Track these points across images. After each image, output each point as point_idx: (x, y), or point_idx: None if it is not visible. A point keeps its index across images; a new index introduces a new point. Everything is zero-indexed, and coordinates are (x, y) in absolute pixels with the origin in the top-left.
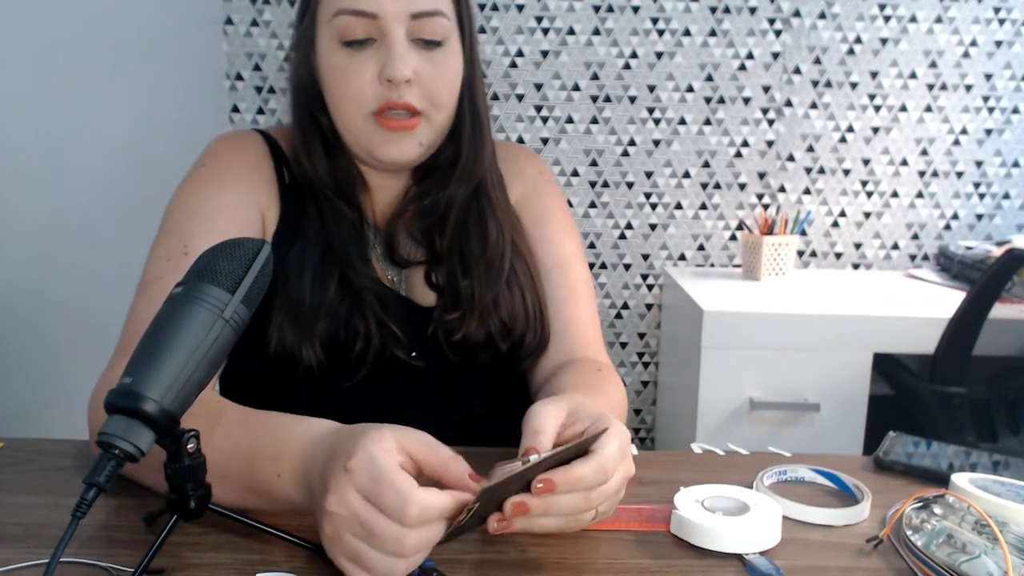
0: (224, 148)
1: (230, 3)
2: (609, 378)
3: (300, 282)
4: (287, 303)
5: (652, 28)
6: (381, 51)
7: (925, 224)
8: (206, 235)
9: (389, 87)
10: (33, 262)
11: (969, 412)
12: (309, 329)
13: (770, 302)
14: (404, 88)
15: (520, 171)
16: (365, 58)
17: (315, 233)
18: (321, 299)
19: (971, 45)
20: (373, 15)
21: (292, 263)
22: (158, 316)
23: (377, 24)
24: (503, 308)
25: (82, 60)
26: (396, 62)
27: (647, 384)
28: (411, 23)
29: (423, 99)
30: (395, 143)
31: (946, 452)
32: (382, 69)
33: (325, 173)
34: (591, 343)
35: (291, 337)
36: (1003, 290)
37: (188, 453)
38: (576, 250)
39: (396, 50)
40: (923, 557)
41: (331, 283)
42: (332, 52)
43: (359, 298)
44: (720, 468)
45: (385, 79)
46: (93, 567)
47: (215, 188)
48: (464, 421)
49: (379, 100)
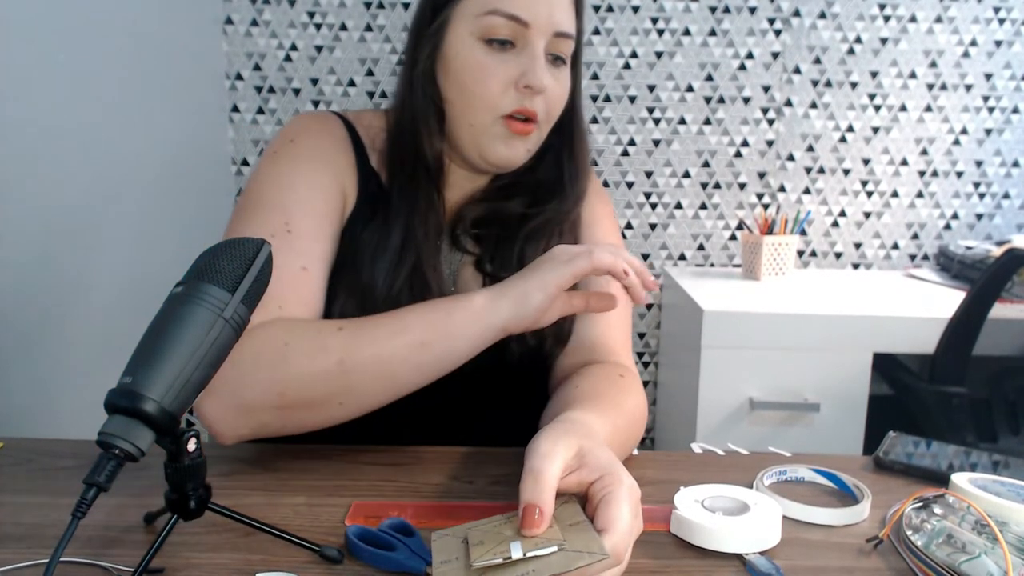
0: (312, 127)
1: (230, 3)
2: (630, 386)
3: (374, 267)
4: (358, 285)
5: (652, 28)
6: (521, 58)
7: (925, 224)
8: (306, 214)
9: (525, 94)
10: (33, 262)
11: (969, 412)
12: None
13: (770, 302)
14: (536, 98)
15: None
16: (506, 60)
17: (401, 220)
18: (391, 290)
19: (971, 45)
20: (526, 24)
21: (367, 244)
22: (158, 316)
23: (525, 32)
24: None
25: (82, 60)
26: (541, 72)
27: (647, 384)
28: (552, 39)
29: (543, 112)
30: (511, 146)
31: (946, 452)
32: (523, 75)
33: (432, 159)
34: (615, 346)
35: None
36: (1003, 290)
37: (188, 453)
38: None
39: (540, 61)
40: (923, 557)
41: (403, 273)
42: (472, 48)
43: (427, 292)
44: (720, 468)
45: (524, 85)
46: (93, 567)
47: (310, 167)
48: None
49: (513, 104)
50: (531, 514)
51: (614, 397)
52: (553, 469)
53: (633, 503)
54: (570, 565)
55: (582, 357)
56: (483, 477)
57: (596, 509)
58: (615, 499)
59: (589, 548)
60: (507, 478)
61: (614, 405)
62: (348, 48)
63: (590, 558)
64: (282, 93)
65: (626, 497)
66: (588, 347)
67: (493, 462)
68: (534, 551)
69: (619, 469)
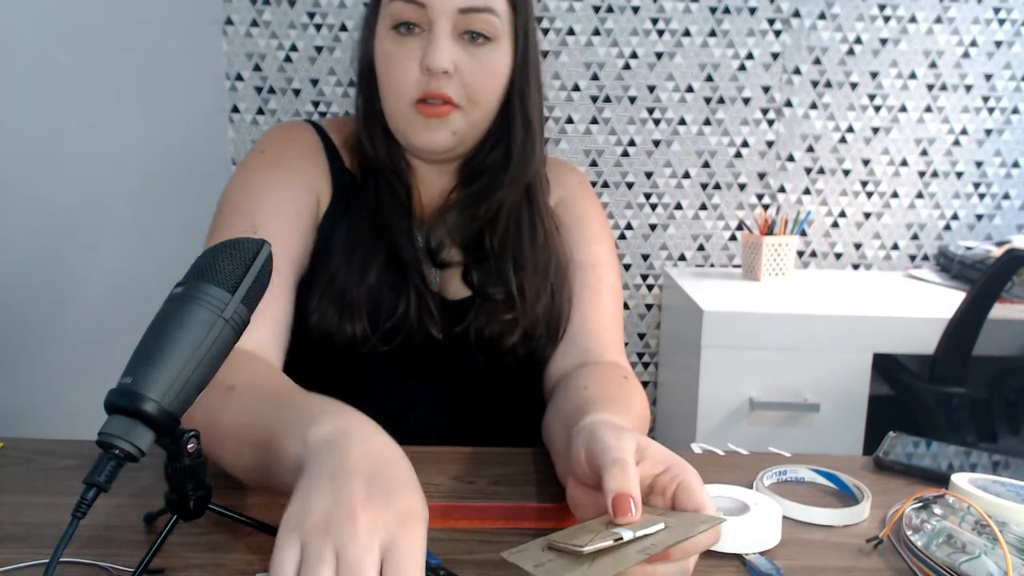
0: (281, 136)
1: (230, 3)
2: (635, 388)
3: (349, 262)
4: (332, 279)
5: (652, 28)
6: (425, 40)
7: (925, 224)
8: (272, 217)
9: (429, 76)
10: (33, 262)
11: (969, 412)
12: (353, 305)
13: (770, 302)
14: (443, 79)
15: (561, 180)
16: (412, 46)
17: (369, 211)
18: (368, 277)
19: (971, 45)
20: (422, 4)
21: (340, 239)
22: (158, 316)
23: (425, 13)
24: (542, 308)
25: (82, 60)
26: (435, 53)
27: (647, 384)
28: (459, 16)
29: (461, 93)
30: (429, 130)
31: (946, 452)
32: (423, 57)
33: (384, 155)
34: (609, 345)
35: (332, 311)
36: (1003, 290)
37: (188, 453)
38: (607, 256)
39: (437, 43)
40: (923, 557)
41: (379, 259)
42: (383, 38)
43: (404, 273)
44: (720, 468)
45: (425, 67)
46: (93, 567)
47: (277, 173)
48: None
49: (420, 88)
50: (625, 503)
51: (625, 400)
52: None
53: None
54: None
55: (578, 357)
56: (483, 477)
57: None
58: (692, 484)
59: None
60: (507, 478)
61: (627, 408)
62: (348, 48)
63: (708, 523)
64: (282, 94)
65: (698, 479)
66: (584, 347)
67: (493, 462)
68: (642, 530)
69: (679, 457)
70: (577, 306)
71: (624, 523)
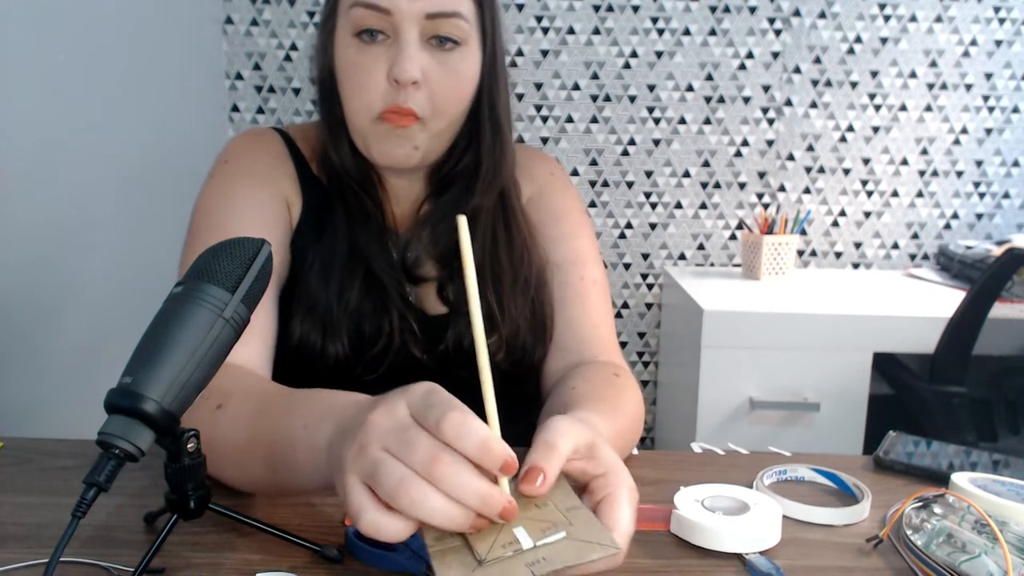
0: (246, 145)
1: (230, 3)
2: (627, 385)
3: (327, 284)
4: (312, 302)
5: (652, 27)
6: (392, 49)
7: (925, 224)
8: (243, 229)
9: (397, 88)
10: (32, 262)
11: (969, 412)
12: (335, 328)
13: (770, 302)
14: (411, 90)
15: (532, 174)
16: (377, 55)
17: (341, 229)
18: (347, 299)
19: (971, 44)
20: (387, 11)
21: (316, 261)
22: (158, 316)
23: (391, 20)
24: (521, 319)
25: (82, 60)
26: (405, 63)
27: (647, 384)
28: (425, 23)
29: (426, 105)
30: (390, 142)
31: (946, 452)
32: (391, 68)
33: (352, 167)
34: (601, 344)
35: (314, 335)
36: (1003, 290)
37: (188, 453)
38: (589, 249)
39: (406, 51)
40: (923, 557)
41: (357, 280)
42: (346, 45)
43: (384, 294)
44: (720, 468)
45: (392, 79)
46: (93, 567)
47: (244, 183)
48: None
49: (386, 102)
50: (535, 475)
51: (613, 400)
52: (566, 445)
53: (633, 505)
54: (582, 557)
55: (572, 358)
56: None
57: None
58: (618, 499)
59: (600, 539)
60: None
61: (613, 408)
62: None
63: (602, 550)
64: (282, 93)
65: (627, 498)
66: (576, 348)
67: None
68: (543, 539)
69: (624, 470)
70: (563, 309)
71: (527, 493)
